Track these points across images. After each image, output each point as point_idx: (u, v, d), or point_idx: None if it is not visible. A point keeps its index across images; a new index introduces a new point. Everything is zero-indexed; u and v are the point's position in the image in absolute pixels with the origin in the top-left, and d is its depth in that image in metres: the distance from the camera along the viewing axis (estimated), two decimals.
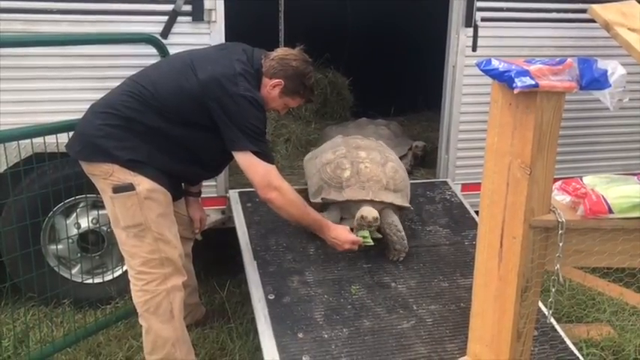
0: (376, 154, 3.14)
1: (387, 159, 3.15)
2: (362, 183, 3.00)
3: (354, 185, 3.00)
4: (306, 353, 2.50)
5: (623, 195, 1.88)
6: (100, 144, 2.43)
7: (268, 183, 2.55)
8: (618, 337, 3.00)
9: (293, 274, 2.89)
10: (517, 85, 1.72)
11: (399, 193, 3.07)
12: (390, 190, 3.03)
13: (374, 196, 2.96)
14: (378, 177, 3.02)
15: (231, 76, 2.49)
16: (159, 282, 2.50)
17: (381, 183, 3.01)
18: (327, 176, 3.08)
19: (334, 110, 5.09)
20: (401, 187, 3.09)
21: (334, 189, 3.03)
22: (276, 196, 2.58)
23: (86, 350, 2.92)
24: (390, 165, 3.12)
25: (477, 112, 3.51)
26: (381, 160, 3.11)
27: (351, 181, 3.01)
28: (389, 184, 3.04)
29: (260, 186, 2.57)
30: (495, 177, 1.92)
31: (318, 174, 3.14)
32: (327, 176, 3.08)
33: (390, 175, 3.06)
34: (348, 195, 2.98)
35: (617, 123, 3.91)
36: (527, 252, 1.86)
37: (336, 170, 3.06)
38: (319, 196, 3.06)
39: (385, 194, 3.00)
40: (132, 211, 2.43)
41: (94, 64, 3.08)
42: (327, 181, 3.07)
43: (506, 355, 1.94)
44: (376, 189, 2.99)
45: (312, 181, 3.19)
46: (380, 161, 3.10)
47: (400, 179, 3.11)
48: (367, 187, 2.99)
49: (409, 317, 2.73)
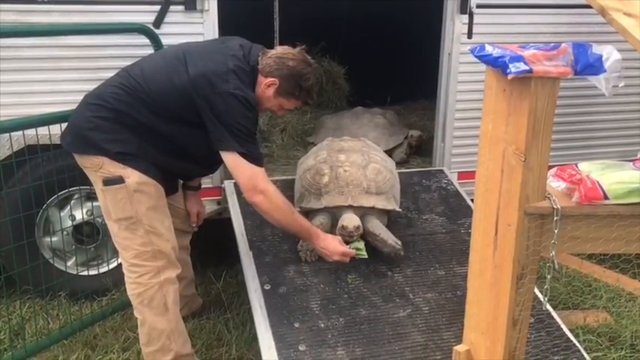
0: (357, 157, 3.00)
1: (369, 160, 3.01)
2: (340, 188, 2.88)
3: (333, 191, 2.88)
4: (302, 342, 2.51)
5: (619, 181, 1.86)
6: (90, 136, 2.41)
7: (254, 186, 2.47)
8: (615, 323, 3.01)
9: (289, 264, 2.88)
10: (511, 71, 1.70)
11: (383, 196, 2.94)
12: (371, 194, 2.90)
13: (353, 201, 2.85)
14: (358, 180, 2.90)
15: (222, 72, 2.40)
16: (152, 275, 2.48)
17: (361, 187, 2.89)
18: (307, 183, 2.98)
19: (330, 100, 5.08)
20: (384, 189, 2.96)
21: (314, 196, 2.93)
22: (262, 200, 2.49)
23: (82, 342, 2.92)
24: (372, 166, 2.98)
25: (473, 99, 3.50)
26: (362, 163, 2.98)
27: (329, 187, 2.90)
28: (370, 187, 2.91)
29: (245, 188, 2.49)
30: (490, 164, 1.90)
31: (300, 181, 3.06)
32: (307, 183, 2.98)
33: (371, 177, 2.93)
34: (327, 202, 2.88)
35: (615, 110, 3.90)
36: (522, 239, 1.85)
37: (315, 176, 2.96)
38: (300, 204, 2.98)
39: (366, 198, 2.88)
40: (122, 204, 2.42)
41: (87, 54, 3.05)
42: (308, 188, 2.97)
43: (502, 342, 1.94)
44: (356, 193, 2.87)
45: (295, 188, 3.12)
46: (361, 164, 2.97)
47: (383, 180, 2.97)
48: (346, 192, 2.87)
49: (405, 306, 2.73)
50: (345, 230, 2.77)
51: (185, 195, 2.91)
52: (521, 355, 2.01)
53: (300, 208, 2.94)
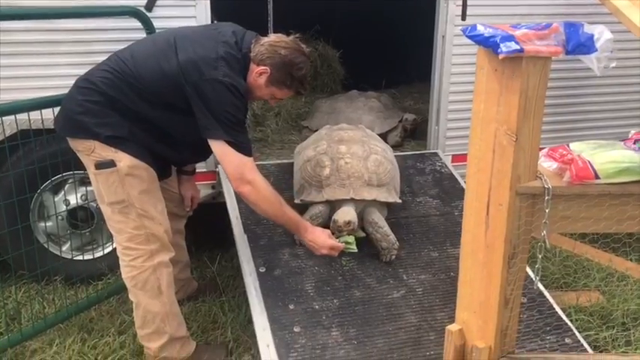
0: (358, 148, 2.97)
1: (370, 151, 2.98)
2: (342, 181, 2.85)
3: (334, 184, 2.85)
4: (297, 324, 2.53)
5: (610, 160, 1.86)
6: (81, 120, 2.40)
7: (241, 176, 2.43)
8: (607, 302, 3.04)
9: (284, 247, 2.89)
10: (502, 51, 1.69)
11: (384, 188, 2.92)
12: (372, 186, 2.88)
13: (354, 194, 2.82)
14: (360, 173, 2.87)
15: (211, 59, 2.36)
16: (145, 258, 2.49)
17: (362, 179, 2.86)
18: (307, 175, 2.95)
19: (325, 83, 5.08)
20: (385, 181, 2.94)
21: (315, 188, 2.90)
22: (249, 191, 2.45)
23: (78, 326, 2.94)
24: (373, 158, 2.95)
25: (467, 82, 3.44)
26: (363, 154, 2.95)
27: (330, 180, 2.87)
28: (371, 180, 2.88)
29: (232, 178, 2.45)
30: (481, 144, 1.90)
31: (300, 172, 3.02)
32: (307, 175, 2.95)
33: (372, 169, 2.90)
34: (328, 195, 2.85)
35: (609, 91, 3.90)
36: (513, 219, 1.85)
37: (316, 168, 2.92)
38: (300, 196, 2.95)
39: (367, 191, 2.86)
40: (114, 188, 2.42)
41: (79, 38, 3.04)
42: (308, 180, 2.94)
43: (494, 321, 1.95)
44: (357, 186, 2.84)
45: (295, 180, 3.09)
46: (362, 155, 2.94)
47: (384, 172, 2.94)
48: (347, 184, 2.84)
49: (399, 287, 2.75)
50: (334, 224, 2.74)
51: (179, 179, 2.91)
52: (513, 333, 2.02)
53: (301, 201, 2.93)
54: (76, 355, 2.71)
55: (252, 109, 4.26)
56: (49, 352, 2.73)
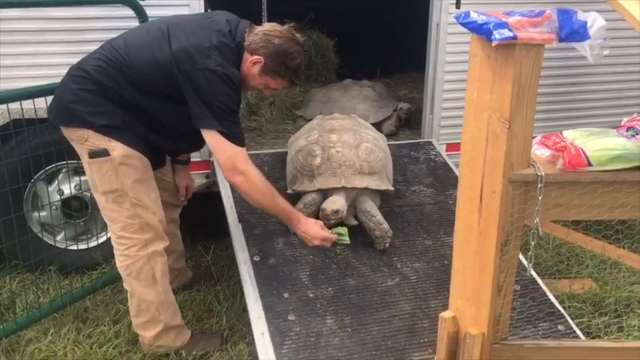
0: (349, 136, 2.97)
1: (361, 140, 2.98)
2: (333, 169, 2.85)
3: (325, 172, 2.85)
4: (291, 312, 2.54)
5: (602, 147, 1.87)
6: (75, 109, 2.39)
7: (233, 166, 2.41)
8: (599, 290, 3.06)
9: (278, 236, 2.90)
10: (495, 38, 1.69)
11: (376, 175, 2.91)
12: (364, 174, 2.88)
13: (346, 182, 2.82)
14: (351, 161, 2.87)
15: (204, 48, 2.34)
16: (139, 247, 2.49)
17: (353, 167, 2.86)
18: (299, 165, 2.95)
19: (319, 72, 5.05)
20: (377, 169, 2.93)
21: (307, 178, 2.90)
22: (242, 181, 2.44)
23: (73, 315, 2.94)
24: (365, 146, 2.95)
25: (462, 70, 3.43)
26: (354, 142, 2.94)
27: (322, 169, 2.87)
28: (363, 167, 2.88)
29: (225, 168, 2.44)
30: (475, 132, 1.90)
31: (292, 162, 3.02)
32: (299, 165, 2.95)
33: (363, 157, 2.90)
34: (320, 184, 2.85)
35: (604, 80, 3.90)
36: (506, 206, 1.86)
37: (307, 158, 2.92)
38: (293, 186, 2.96)
39: (359, 179, 2.85)
40: (108, 177, 2.41)
41: (72, 27, 3.02)
42: (300, 170, 2.94)
43: (487, 308, 1.96)
44: (349, 174, 2.84)
45: (288, 170, 3.09)
46: (353, 143, 2.93)
47: (376, 160, 2.93)
48: (339, 173, 2.84)
49: (393, 275, 2.76)
50: (322, 212, 2.74)
51: (174, 169, 2.90)
52: (506, 320, 2.04)
53: (293, 191, 2.93)
54: (71, 344, 2.71)
55: (247, 98, 4.25)
56: (44, 341, 2.73)
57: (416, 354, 2.41)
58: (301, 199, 2.90)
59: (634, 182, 1.88)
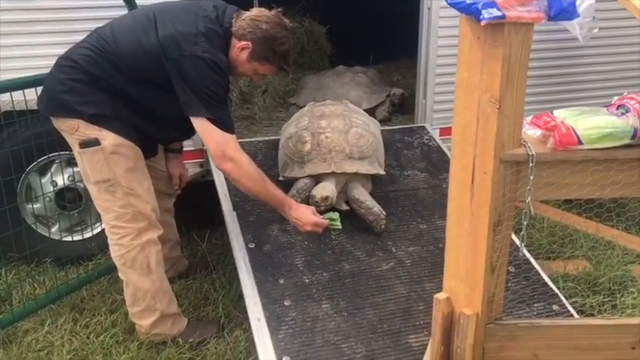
0: (339, 122, 2.97)
1: (351, 125, 2.97)
2: (323, 155, 2.86)
3: (316, 158, 2.86)
4: (287, 298, 2.55)
5: (593, 126, 1.87)
6: (64, 99, 2.38)
7: (223, 153, 2.41)
8: (594, 270, 3.08)
9: (273, 223, 2.90)
10: (484, 17, 1.68)
11: (366, 160, 2.92)
12: (354, 159, 2.87)
13: (336, 167, 2.83)
14: (340, 146, 2.87)
15: (191, 35, 2.33)
16: (133, 236, 2.49)
17: (343, 153, 2.86)
18: (289, 151, 2.95)
19: (312, 60, 5.03)
20: (367, 154, 2.93)
21: (297, 164, 2.91)
22: (232, 168, 2.43)
23: (70, 306, 2.95)
24: (354, 131, 2.95)
25: (454, 55, 3.42)
26: (344, 128, 2.94)
27: (312, 155, 2.88)
28: (353, 153, 2.88)
29: (215, 155, 2.43)
30: (466, 113, 1.90)
31: (283, 149, 3.03)
32: (289, 151, 2.95)
33: (353, 142, 2.90)
34: (310, 169, 2.86)
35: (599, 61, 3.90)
36: (498, 186, 1.86)
37: (297, 144, 2.93)
38: (284, 172, 2.96)
39: (349, 164, 2.86)
40: (99, 167, 2.41)
41: (60, 17, 3.00)
42: (290, 157, 2.94)
43: (481, 288, 1.97)
44: (338, 159, 2.84)
45: (279, 157, 3.09)
46: (342, 129, 2.94)
47: (366, 145, 2.94)
48: (329, 158, 2.85)
49: (388, 259, 2.77)
50: (312, 199, 2.75)
51: (167, 157, 2.90)
52: (499, 300, 2.05)
53: (284, 177, 2.93)
54: (68, 334, 2.73)
55: (239, 86, 4.23)
56: (41, 332, 2.74)
57: (411, 336, 2.43)
58: (294, 185, 2.90)
59: (624, 160, 1.88)
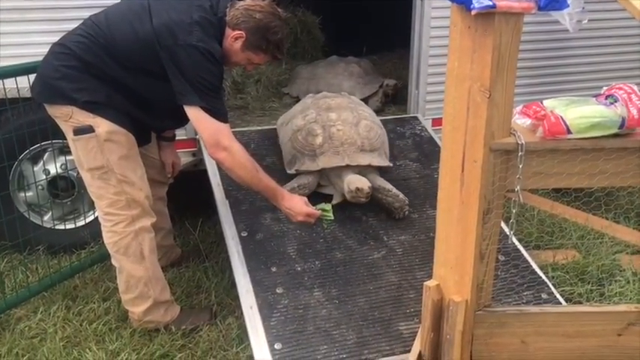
0: (348, 114, 2.98)
1: (359, 117, 3.00)
2: (336, 148, 2.86)
3: (328, 151, 2.87)
4: (279, 286, 2.57)
5: (582, 115, 1.89)
6: (58, 85, 2.38)
7: (216, 142, 2.40)
8: (583, 259, 3.11)
9: (265, 212, 2.91)
10: (474, 7, 1.70)
11: (376, 152, 2.94)
12: (366, 151, 2.89)
13: (350, 160, 2.84)
14: (353, 139, 2.89)
15: (185, 24, 2.34)
16: (126, 223, 2.50)
17: (355, 145, 2.88)
18: (299, 145, 2.94)
19: (305, 50, 5.02)
20: (377, 145, 2.96)
21: (308, 157, 2.91)
22: (225, 157, 2.43)
23: (62, 294, 2.96)
24: (364, 123, 2.97)
25: (447, 45, 3.46)
26: (353, 120, 2.96)
27: (324, 148, 2.88)
28: (364, 145, 2.90)
29: (208, 144, 2.43)
30: (456, 102, 1.92)
31: (290, 142, 3.00)
32: (299, 145, 2.94)
33: (364, 134, 2.92)
34: (323, 163, 2.86)
35: (590, 52, 3.92)
36: (487, 175, 1.88)
37: (308, 137, 2.92)
38: (294, 166, 2.95)
39: (362, 156, 2.87)
40: (93, 154, 2.41)
41: (54, 4, 2.99)
42: (300, 150, 2.93)
43: (470, 275, 1.99)
44: (351, 152, 2.86)
45: (285, 151, 3.07)
46: (352, 121, 2.95)
47: (376, 137, 2.96)
48: (342, 151, 2.86)
49: (380, 248, 2.80)
50: (361, 192, 2.74)
51: (160, 145, 2.90)
52: (489, 287, 2.08)
53: (296, 171, 2.94)
54: (61, 321, 2.74)
55: (232, 76, 4.23)
56: (34, 319, 2.75)
57: (402, 324, 2.46)
58: (295, 179, 2.91)
59: (612, 149, 1.91)
